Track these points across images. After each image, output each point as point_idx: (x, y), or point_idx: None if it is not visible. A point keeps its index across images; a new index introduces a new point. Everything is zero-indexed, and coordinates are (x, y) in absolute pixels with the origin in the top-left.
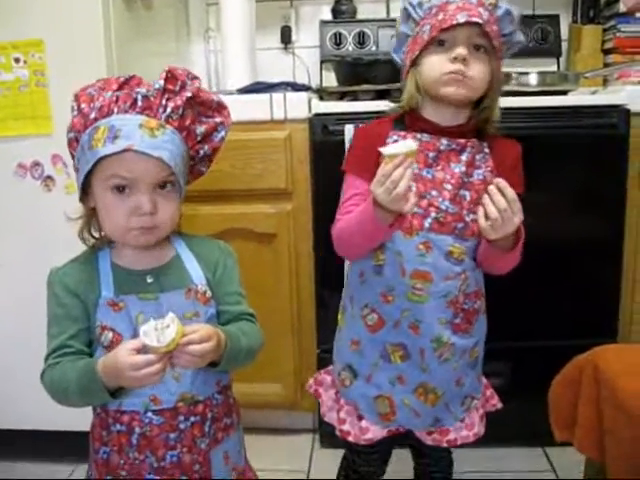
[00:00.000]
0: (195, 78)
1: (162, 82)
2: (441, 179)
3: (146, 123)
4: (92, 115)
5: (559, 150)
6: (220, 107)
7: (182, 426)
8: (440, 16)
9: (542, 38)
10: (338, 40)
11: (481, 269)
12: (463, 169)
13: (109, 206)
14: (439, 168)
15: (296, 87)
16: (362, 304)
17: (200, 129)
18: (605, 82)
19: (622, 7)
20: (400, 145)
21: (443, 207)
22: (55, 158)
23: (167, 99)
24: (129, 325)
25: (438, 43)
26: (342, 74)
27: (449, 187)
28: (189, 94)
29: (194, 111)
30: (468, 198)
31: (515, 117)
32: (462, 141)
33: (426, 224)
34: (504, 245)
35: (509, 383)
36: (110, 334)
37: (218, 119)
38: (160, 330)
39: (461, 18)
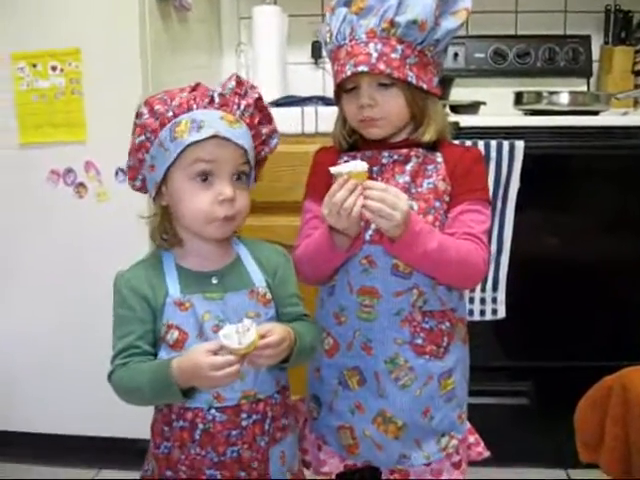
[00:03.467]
0: (254, 87)
1: (234, 83)
2: None
3: (225, 117)
4: (169, 113)
5: (589, 170)
6: (271, 117)
7: (244, 423)
8: (335, 66)
9: (573, 58)
10: None
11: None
12: (407, 179)
13: (191, 194)
14: (383, 181)
15: (326, 101)
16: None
17: (265, 130)
18: (636, 104)
19: None
20: (349, 165)
21: None
22: (88, 165)
23: (239, 98)
24: (195, 324)
25: (346, 90)
26: None
27: None
28: (256, 95)
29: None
30: (416, 208)
31: (545, 136)
32: (404, 151)
33: (367, 237)
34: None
35: (534, 403)
36: (176, 333)
37: (272, 126)
38: (242, 333)
39: (348, 70)
